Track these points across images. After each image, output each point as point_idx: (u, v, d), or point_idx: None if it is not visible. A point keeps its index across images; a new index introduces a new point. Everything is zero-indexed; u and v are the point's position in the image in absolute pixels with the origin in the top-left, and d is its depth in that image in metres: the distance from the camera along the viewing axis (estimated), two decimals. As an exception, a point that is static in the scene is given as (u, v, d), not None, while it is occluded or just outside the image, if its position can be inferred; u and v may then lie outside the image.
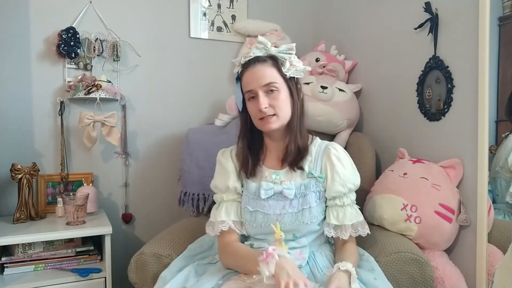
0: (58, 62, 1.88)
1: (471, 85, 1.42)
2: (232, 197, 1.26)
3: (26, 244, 1.61)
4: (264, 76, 1.16)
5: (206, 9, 2.17)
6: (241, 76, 1.20)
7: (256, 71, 1.17)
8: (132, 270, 1.41)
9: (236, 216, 1.24)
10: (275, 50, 1.20)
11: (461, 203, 1.45)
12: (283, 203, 1.20)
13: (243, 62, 1.20)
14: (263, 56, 1.20)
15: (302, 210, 1.19)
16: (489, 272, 1.36)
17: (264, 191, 1.20)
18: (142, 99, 2.05)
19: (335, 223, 1.20)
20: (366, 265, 1.24)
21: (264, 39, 1.21)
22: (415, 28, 1.64)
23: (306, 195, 1.20)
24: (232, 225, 1.22)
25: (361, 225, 1.22)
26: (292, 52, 1.21)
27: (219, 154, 1.33)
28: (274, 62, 1.19)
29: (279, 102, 1.16)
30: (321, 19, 2.36)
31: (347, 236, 1.19)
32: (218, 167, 1.31)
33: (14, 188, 1.74)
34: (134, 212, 2.07)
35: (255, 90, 1.16)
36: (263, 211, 1.20)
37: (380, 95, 1.92)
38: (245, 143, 1.26)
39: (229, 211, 1.24)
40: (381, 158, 1.87)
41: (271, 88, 1.16)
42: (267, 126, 1.18)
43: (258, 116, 1.18)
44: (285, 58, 1.20)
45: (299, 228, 1.20)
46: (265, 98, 1.15)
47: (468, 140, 1.44)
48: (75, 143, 1.93)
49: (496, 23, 1.37)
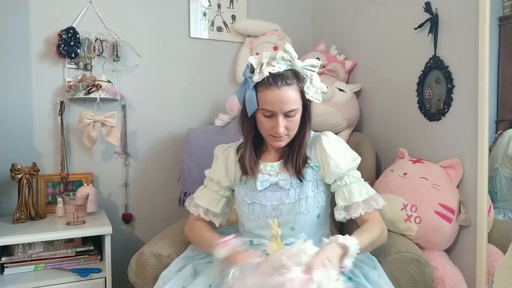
0: (58, 62, 1.88)
1: (471, 85, 1.42)
2: (216, 187, 1.32)
3: (26, 244, 1.60)
4: (289, 101, 1.13)
5: (206, 9, 2.17)
6: (261, 88, 1.14)
7: (281, 95, 1.12)
8: (132, 270, 1.41)
9: (212, 205, 1.31)
10: (301, 65, 1.16)
11: (461, 203, 1.44)
12: (280, 194, 1.21)
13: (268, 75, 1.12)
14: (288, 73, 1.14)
15: (299, 200, 1.21)
16: (489, 272, 1.36)
17: (260, 183, 1.22)
18: (142, 99, 2.05)
19: (343, 204, 1.20)
20: (370, 262, 1.23)
21: (291, 48, 1.14)
22: (415, 28, 1.64)
23: (303, 185, 1.21)
24: (202, 213, 1.30)
25: (374, 198, 1.21)
26: (315, 70, 1.18)
27: (216, 148, 1.37)
28: (298, 83, 1.15)
29: (294, 124, 1.18)
30: (321, 19, 2.36)
31: (359, 213, 1.18)
32: (214, 160, 1.36)
33: (14, 188, 1.74)
34: (134, 212, 2.07)
35: (276, 113, 1.15)
36: (260, 202, 1.22)
37: (380, 95, 1.92)
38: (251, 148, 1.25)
39: (206, 198, 1.32)
40: (381, 158, 1.87)
41: (291, 114, 1.16)
42: (277, 144, 1.20)
43: (270, 133, 1.19)
44: (307, 75, 1.17)
45: (296, 219, 1.21)
46: (283, 121, 1.15)
47: (468, 140, 1.44)
48: (75, 143, 1.93)
49: (496, 23, 1.37)
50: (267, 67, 1.12)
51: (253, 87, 1.14)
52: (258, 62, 1.15)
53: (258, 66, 1.14)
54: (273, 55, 1.14)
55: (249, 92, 1.15)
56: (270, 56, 1.15)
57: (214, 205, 1.31)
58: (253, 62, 1.15)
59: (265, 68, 1.12)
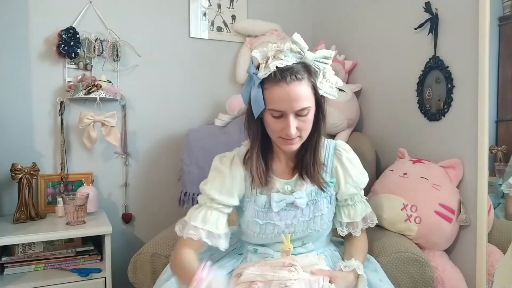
0: (58, 62, 1.88)
1: (471, 85, 1.42)
2: (217, 205, 1.10)
3: (26, 244, 1.61)
4: (300, 99, 1.00)
5: (206, 9, 2.17)
6: (268, 85, 1.02)
7: (291, 92, 0.99)
8: (131, 270, 1.41)
9: (213, 227, 1.07)
10: (312, 57, 1.04)
11: (461, 203, 1.44)
12: (294, 213, 1.12)
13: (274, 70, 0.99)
14: (298, 66, 1.02)
15: (313, 218, 1.13)
16: (489, 272, 1.36)
17: (276, 204, 1.10)
18: (142, 99, 2.05)
19: (347, 220, 1.20)
20: (369, 265, 1.23)
21: (300, 38, 1.02)
22: (415, 28, 1.64)
23: (318, 201, 1.13)
24: (203, 237, 1.06)
25: (370, 216, 1.22)
26: (328, 62, 1.06)
27: (217, 159, 1.17)
28: (309, 77, 1.03)
29: (306, 124, 1.05)
30: (321, 19, 2.36)
31: (359, 231, 1.19)
32: (213, 173, 1.14)
33: (14, 188, 1.74)
34: (134, 212, 2.07)
35: (286, 112, 1.02)
36: (273, 222, 1.11)
37: (380, 95, 1.92)
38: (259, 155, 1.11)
39: (207, 219, 1.07)
40: (381, 158, 1.87)
41: (303, 112, 1.03)
42: (289, 148, 1.07)
43: (280, 135, 1.06)
44: (319, 68, 1.05)
45: (310, 235, 1.15)
46: (294, 121, 1.02)
47: (468, 140, 1.44)
48: (75, 143, 1.93)
49: (496, 23, 1.37)
50: (274, 60, 1.00)
51: (259, 85, 1.01)
52: (263, 56, 1.02)
53: (263, 61, 1.02)
54: (280, 48, 1.02)
55: (254, 90, 1.02)
56: (277, 48, 1.02)
57: (218, 226, 1.08)
58: (258, 56, 1.02)
59: (271, 62, 1.00)
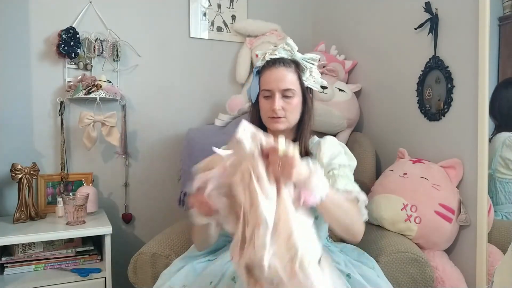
0: (58, 62, 1.88)
1: (471, 85, 1.42)
2: None
3: (26, 244, 1.61)
4: (285, 80, 1.20)
5: (206, 9, 2.17)
6: (262, 71, 1.24)
7: (279, 74, 1.20)
8: (131, 270, 1.41)
9: None
10: (300, 56, 1.24)
11: (461, 203, 1.45)
12: None
13: (269, 59, 1.23)
14: (288, 58, 1.23)
15: None
16: (489, 272, 1.36)
17: None
18: (142, 99, 2.05)
19: None
20: (367, 262, 1.23)
21: (292, 41, 1.25)
22: (415, 28, 1.64)
23: None
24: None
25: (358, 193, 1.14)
26: (314, 63, 1.25)
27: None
28: (296, 68, 1.22)
29: (291, 106, 1.21)
30: (321, 19, 2.36)
31: None
32: None
33: (14, 188, 1.74)
34: (134, 212, 2.07)
35: (273, 91, 1.20)
36: None
37: (380, 95, 1.92)
38: None
39: None
40: (381, 158, 1.87)
41: (288, 94, 1.20)
42: (275, 126, 1.22)
43: (269, 115, 1.22)
44: (306, 67, 1.24)
45: None
46: (280, 100, 1.19)
47: (468, 140, 1.44)
48: (75, 143, 1.93)
49: (496, 23, 1.37)
50: (269, 55, 1.24)
51: (257, 73, 1.24)
52: (263, 53, 1.27)
53: (262, 56, 1.26)
54: (276, 48, 1.26)
55: (253, 79, 1.25)
56: (274, 48, 1.26)
57: None
58: (259, 53, 1.28)
59: (267, 56, 1.24)
